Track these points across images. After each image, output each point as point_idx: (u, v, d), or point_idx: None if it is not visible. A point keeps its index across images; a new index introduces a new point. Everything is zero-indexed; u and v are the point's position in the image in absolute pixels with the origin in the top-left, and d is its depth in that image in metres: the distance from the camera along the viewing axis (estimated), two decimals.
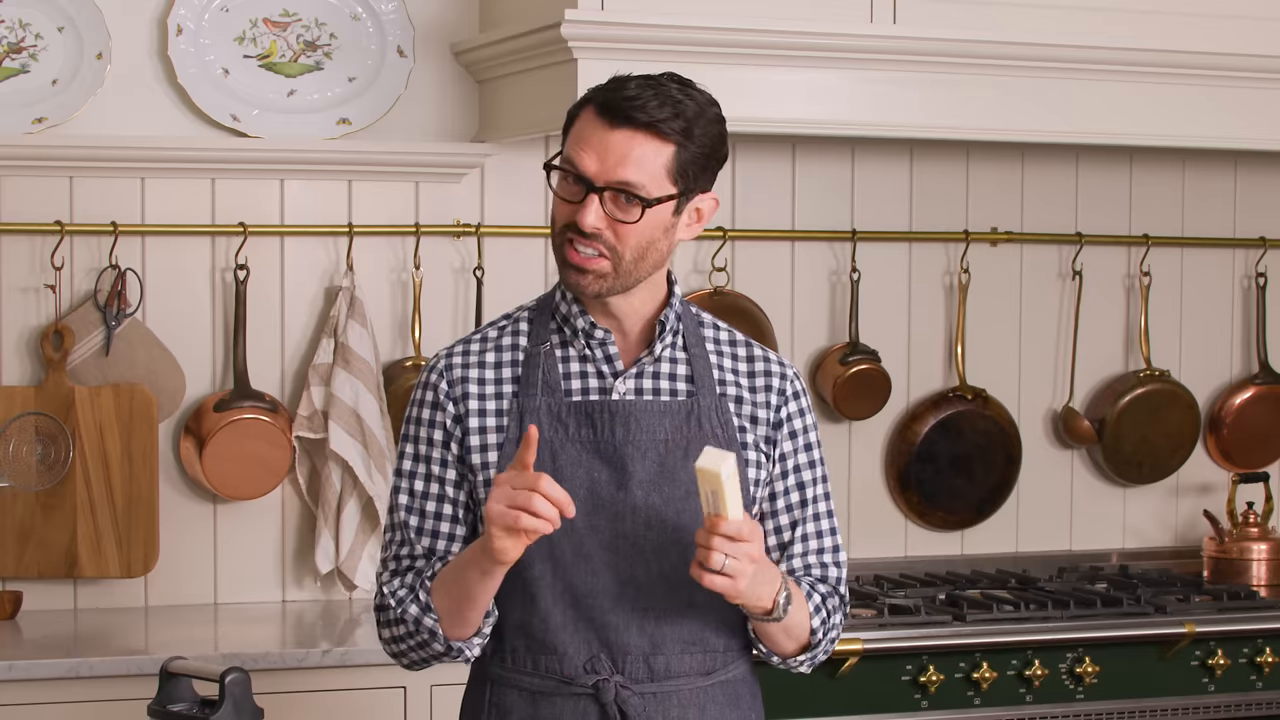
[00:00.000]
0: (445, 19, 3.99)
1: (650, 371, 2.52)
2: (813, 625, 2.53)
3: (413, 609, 2.46)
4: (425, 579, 2.47)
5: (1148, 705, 3.78)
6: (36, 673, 3.28)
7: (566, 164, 2.43)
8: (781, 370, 2.59)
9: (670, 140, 2.41)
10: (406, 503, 2.53)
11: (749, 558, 2.35)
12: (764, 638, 2.53)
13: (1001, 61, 3.76)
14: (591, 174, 2.41)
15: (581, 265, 2.43)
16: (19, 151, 3.69)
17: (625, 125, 2.40)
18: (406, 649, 2.52)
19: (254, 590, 3.91)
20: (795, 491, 2.57)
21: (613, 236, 2.42)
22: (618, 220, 2.41)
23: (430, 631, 2.46)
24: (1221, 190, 4.56)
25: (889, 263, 4.32)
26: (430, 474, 2.52)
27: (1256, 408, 4.56)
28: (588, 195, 2.41)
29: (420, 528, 2.52)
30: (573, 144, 2.44)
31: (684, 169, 2.43)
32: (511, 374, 2.52)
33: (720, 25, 3.57)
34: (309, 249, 3.93)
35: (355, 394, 3.81)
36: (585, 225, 2.41)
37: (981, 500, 4.38)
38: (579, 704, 2.47)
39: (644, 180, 2.41)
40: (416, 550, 2.52)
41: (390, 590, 2.49)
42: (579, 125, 2.44)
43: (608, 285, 2.45)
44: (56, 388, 3.73)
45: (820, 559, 2.58)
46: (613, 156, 2.40)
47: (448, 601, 2.44)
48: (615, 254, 2.43)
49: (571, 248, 2.43)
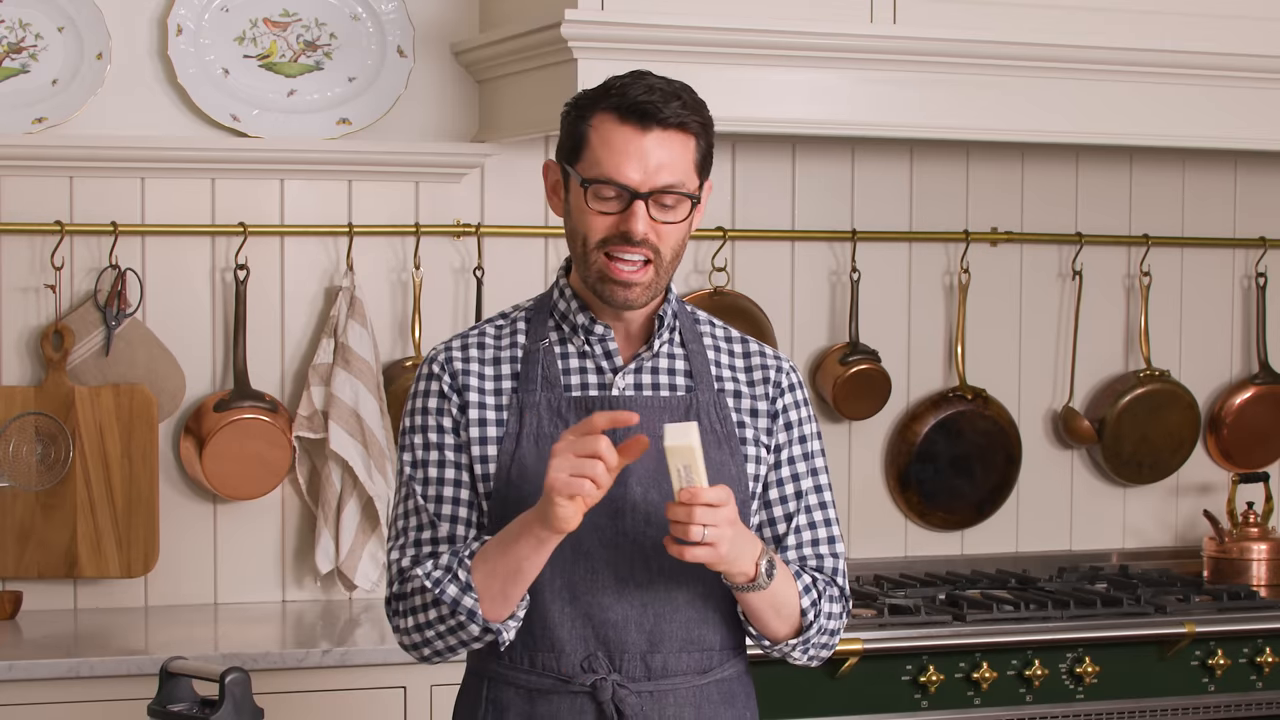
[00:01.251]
0: (445, 19, 3.99)
1: (649, 367, 2.52)
2: (803, 605, 2.51)
3: (451, 589, 2.41)
4: (464, 558, 2.42)
5: (1148, 705, 3.78)
6: (36, 673, 3.28)
7: (607, 175, 2.41)
8: (778, 364, 2.60)
9: (694, 134, 2.44)
10: (422, 489, 2.50)
11: (727, 521, 2.35)
12: (753, 617, 2.50)
13: (1001, 61, 3.77)
14: (635, 183, 2.40)
15: (629, 280, 2.43)
16: (19, 151, 3.69)
17: (656, 127, 2.41)
18: (434, 636, 2.46)
19: (254, 590, 3.91)
20: (790, 483, 2.57)
21: (656, 239, 2.42)
22: (664, 223, 2.42)
23: (469, 612, 2.41)
24: (1221, 190, 4.56)
25: (889, 263, 4.32)
26: (445, 460, 2.50)
27: (1256, 408, 4.56)
28: (632, 203, 2.41)
29: (439, 512, 2.50)
30: (605, 154, 2.41)
31: (704, 160, 2.47)
32: (511, 370, 2.52)
33: (720, 25, 3.57)
34: (309, 249, 3.93)
35: (355, 394, 3.81)
36: (637, 234, 2.41)
37: (981, 500, 4.39)
38: (576, 702, 2.47)
39: (683, 179, 2.43)
40: (441, 533, 2.48)
41: (425, 573, 2.43)
42: (603, 132, 2.43)
43: (650, 293, 2.46)
44: (56, 388, 3.73)
45: (816, 550, 2.57)
46: (653, 160, 2.40)
47: (492, 579, 2.40)
48: (659, 257, 2.43)
49: (613, 262, 2.43)
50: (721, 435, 2.51)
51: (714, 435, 2.50)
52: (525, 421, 2.48)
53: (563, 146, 2.49)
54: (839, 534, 2.60)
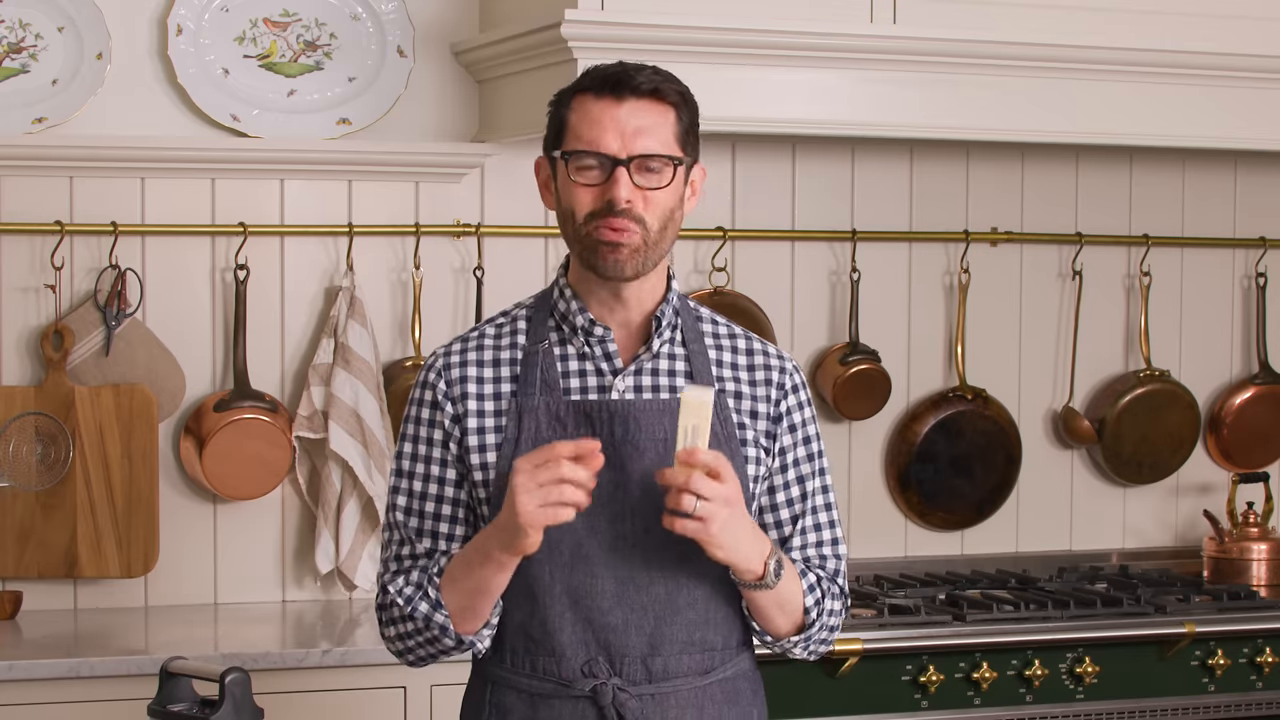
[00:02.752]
0: (445, 19, 3.99)
1: (649, 368, 2.52)
2: (806, 604, 2.52)
3: (423, 606, 2.46)
4: (433, 575, 2.46)
5: (1148, 705, 3.78)
6: (36, 673, 3.28)
7: (585, 147, 2.42)
8: (781, 364, 2.59)
9: (672, 105, 2.45)
10: (405, 503, 2.53)
11: (724, 500, 2.35)
12: (757, 613, 2.51)
13: (1001, 61, 3.77)
14: (614, 150, 2.41)
15: (615, 240, 2.42)
16: (19, 151, 3.69)
17: (631, 96, 2.43)
18: (414, 645, 2.52)
19: (254, 590, 3.91)
20: (795, 485, 2.57)
21: (641, 207, 2.43)
22: (648, 189, 2.43)
23: (441, 627, 2.46)
24: (1221, 190, 4.56)
25: (889, 263, 4.32)
26: (429, 474, 2.52)
27: (1256, 408, 4.56)
28: (614, 170, 2.41)
29: (420, 528, 2.52)
30: (584, 128, 2.43)
31: (686, 133, 2.48)
32: (510, 373, 2.52)
33: (720, 25, 3.57)
34: (309, 249, 3.93)
35: (355, 394, 3.81)
36: (620, 200, 2.41)
37: (981, 500, 4.38)
38: (577, 706, 2.47)
39: (664, 146, 2.44)
40: (418, 550, 2.52)
41: (397, 590, 2.49)
42: (581, 110, 2.45)
43: (640, 260, 2.45)
44: (56, 388, 3.73)
45: (819, 551, 2.58)
46: (630, 127, 2.42)
47: (459, 596, 2.44)
48: (644, 226, 2.43)
49: (603, 228, 2.43)
50: (722, 436, 2.51)
51: (715, 436, 2.50)
52: (524, 426, 2.48)
53: (548, 138, 2.51)
54: (841, 534, 2.61)
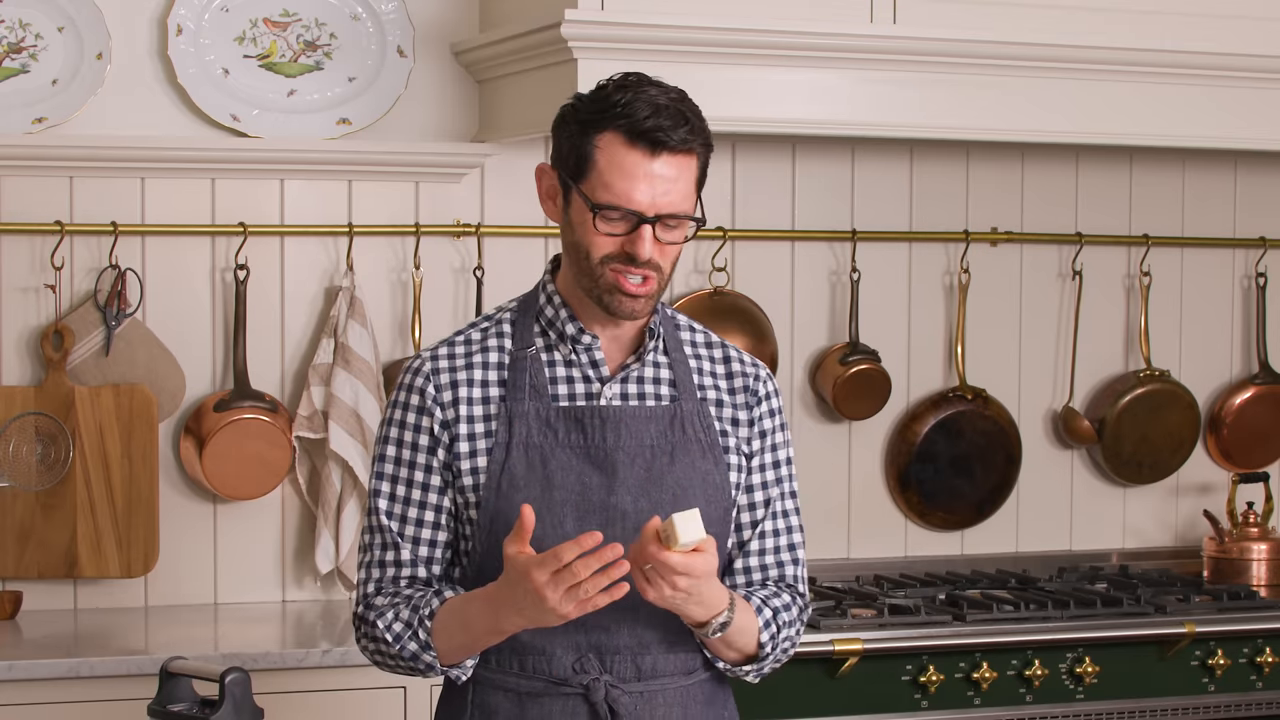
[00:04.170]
0: (445, 19, 3.99)
1: (635, 377, 2.53)
2: (760, 639, 2.53)
3: (411, 645, 2.46)
4: (424, 618, 2.45)
5: (1148, 705, 3.78)
6: (36, 673, 3.28)
7: (616, 201, 2.40)
8: (755, 372, 2.61)
9: (697, 155, 2.45)
10: (387, 507, 2.52)
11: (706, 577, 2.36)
12: (706, 644, 2.52)
13: (1001, 61, 3.77)
14: (643, 208, 2.41)
15: (635, 293, 2.44)
16: (19, 151, 3.69)
17: (664, 151, 2.41)
18: (392, 665, 2.52)
19: (254, 590, 3.91)
20: (760, 490, 2.58)
21: (659, 258, 2.44)
22: (668, 243, 2.44)
23: (428, 665, 2.47)
24: (1221, 190, 4.56)
25: (889, 263, 4.32)
26: (413, 480, 2.51)
27: (1256, 408, 4.56)
28: (639, 226, 2.41)
29: (402, 533, 2.51)
30: (615, 178, 2.41)
31: (702, 176, 2.48)
32: (498, 376, 2.52)
33: (720, 25, 3.57)
34: (309, 249, 3.93)
35: (355, 394, 3.81)
36: (643, 256, 2.41)
37: (981, 500, 4.38)
38: (568, 704, 2.48)
39: (687, 199, 2.44)
40: (402, 556, 2.50)
41: (385, 625, 2.47)
42: (610, 155, 2.41)
43: (653, 304, 2.48)
44: (56, 388, 3.73)
45: (778, 558, 2.59)
46: (660, 186, 2.41)
47: (452, 646, 2.45)
48: (660, 273, 2.45)
49: (622, 277, 2.43)
50: (705, 445, 2.52)
51: (698, 445, 2.51)
52: (515, 431, 2.48)
53: (563, 158, 2.47)
54: (800, 540, 2.62)
